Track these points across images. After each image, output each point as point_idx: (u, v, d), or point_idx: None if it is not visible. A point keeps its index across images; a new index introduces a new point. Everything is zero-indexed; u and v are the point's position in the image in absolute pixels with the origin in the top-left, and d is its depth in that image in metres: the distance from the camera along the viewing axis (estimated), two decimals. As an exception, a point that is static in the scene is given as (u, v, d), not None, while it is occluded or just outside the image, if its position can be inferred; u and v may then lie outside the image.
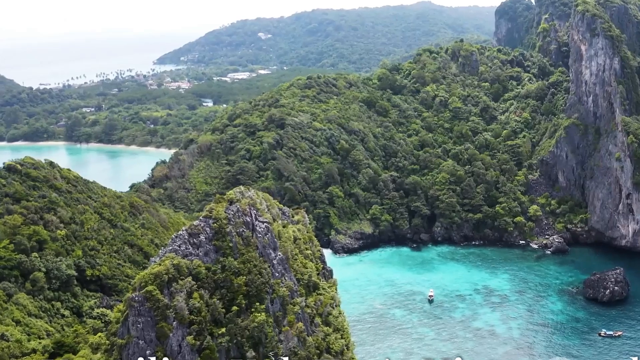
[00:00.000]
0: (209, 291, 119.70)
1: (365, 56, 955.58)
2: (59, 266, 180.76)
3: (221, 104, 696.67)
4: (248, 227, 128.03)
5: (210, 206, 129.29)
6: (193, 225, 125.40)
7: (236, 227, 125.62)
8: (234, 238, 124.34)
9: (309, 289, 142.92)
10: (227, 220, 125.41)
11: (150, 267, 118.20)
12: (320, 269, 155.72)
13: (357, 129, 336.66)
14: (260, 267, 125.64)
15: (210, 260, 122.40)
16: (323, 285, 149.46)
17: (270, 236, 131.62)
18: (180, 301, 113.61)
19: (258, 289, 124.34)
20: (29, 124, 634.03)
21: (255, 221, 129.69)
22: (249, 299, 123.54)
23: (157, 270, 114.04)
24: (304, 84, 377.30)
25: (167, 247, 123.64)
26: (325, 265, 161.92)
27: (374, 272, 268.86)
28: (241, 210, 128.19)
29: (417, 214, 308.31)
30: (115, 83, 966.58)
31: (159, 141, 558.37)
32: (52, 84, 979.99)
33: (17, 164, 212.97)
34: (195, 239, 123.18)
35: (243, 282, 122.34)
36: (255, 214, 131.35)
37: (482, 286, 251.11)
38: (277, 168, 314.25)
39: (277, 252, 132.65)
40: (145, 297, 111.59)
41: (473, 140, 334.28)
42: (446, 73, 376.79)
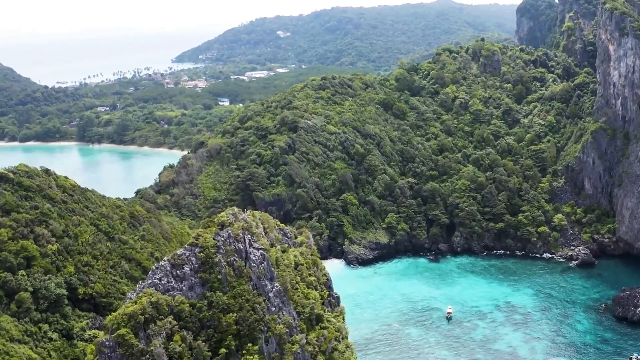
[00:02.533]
0: (192, 332, 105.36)
1: (384, 55, 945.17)
2: (47, 285, 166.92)
3: (237, 103, 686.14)
4: (240, 255, 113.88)
5: (197, 232, 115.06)
6: (176, 254, 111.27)
7: (226, 256, 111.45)
8: (223, 269, 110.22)
9: (311, 322, 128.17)
10: (216, 248, 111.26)
11: (124, 306, 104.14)
12: (326, 296, 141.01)
13: (373, 133, 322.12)
14: (254, 301, 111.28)
15: (195, 295, 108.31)
16: (328, 317, 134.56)
17: (266, 265, 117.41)
18: (158, 346, 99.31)
19: (250, 328, 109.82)
20: (41, 124, 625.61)
21: (249, 248, 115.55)
22: (239, 339, 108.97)
23: (131, 309, 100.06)
24: (318, 85, 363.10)
25: (146, 281, 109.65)
26: (332, 292, 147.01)
27: (389, 286, 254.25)
28: (233, 235, 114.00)
29: (436, 223, 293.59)
30: (132, 81, 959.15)
31: (172, 142, 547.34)
32: (69, 82, 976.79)
33: (9, 172, 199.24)
34: (179, 270, 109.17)
35: (233, 320, 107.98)
36: (250, 239, 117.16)
37: (503, 302, 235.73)
38: (289, 174, 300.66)
39: (274, 283, 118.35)
40: (117, 342, 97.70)
41: (495, 144, 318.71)
42: (467, 74, 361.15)
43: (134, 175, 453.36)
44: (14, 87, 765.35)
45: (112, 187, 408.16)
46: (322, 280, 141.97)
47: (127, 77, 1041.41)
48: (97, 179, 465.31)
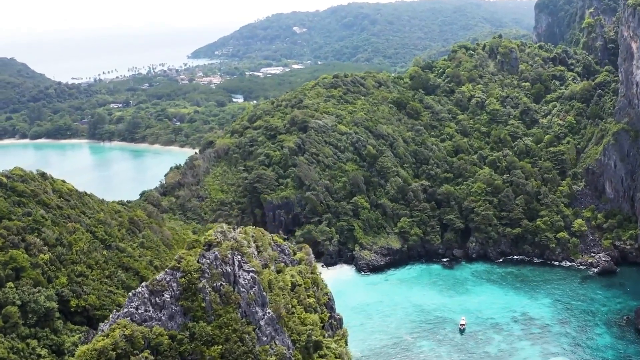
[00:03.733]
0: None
1: (400, 51, 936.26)
2: (37, 298, 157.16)
3: (251, 100, 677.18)
4: (228, 279, 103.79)
5: (180, 254, 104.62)
6: (155, 280, 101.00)
7: (212, 281, 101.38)
8: (208, 295, 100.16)
9: (309, 351, 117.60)
10: (201, 272, 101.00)
11: (95, 340, 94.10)
12: (327, 318, 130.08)
13: (385, 133, 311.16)
14: (242, 331, 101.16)
15: (175, 325, 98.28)
16: (328, 343, 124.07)
17: (257, 289, 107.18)
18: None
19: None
20: (52, 121, 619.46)
21: (238, 271, 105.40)
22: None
23: (102, 344, 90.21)
24: (329, 83, 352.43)
25: (122, 310, 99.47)
26: (334, 313, 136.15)
27: (401, 294, 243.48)
28: (220, 257, 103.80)
29: (450, 228, 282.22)
30: (146, 78, 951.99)
31: (183, 140, 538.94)
32: (84, 78, 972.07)
33: (3, 177, 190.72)
34: (158, 297, 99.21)
35: (218, 354, 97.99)
36: (240, 260, 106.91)
37: (520, 313, 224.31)
38: (298, 175, 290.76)
39: (265, 310, 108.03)
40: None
41: (512, 146, 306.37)
42: (483, 72, 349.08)
43: (143, 174, 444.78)
44: (26, 83, 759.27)
45: (120, 186, 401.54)
46: (323, 301, 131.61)
47: (142, 74, 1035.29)
48: (106, 178, 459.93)
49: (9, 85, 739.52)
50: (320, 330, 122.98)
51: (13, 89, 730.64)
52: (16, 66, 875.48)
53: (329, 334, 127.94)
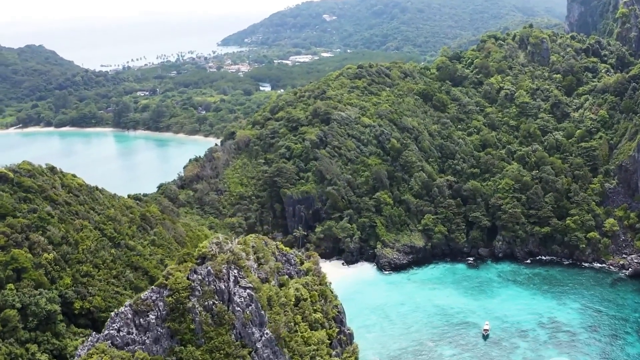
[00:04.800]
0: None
1: (430, 39, 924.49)
2: (37, 301, 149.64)
3: (279, 88, 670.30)
4: (222, 297, 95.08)
5: (169, 269, 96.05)
6: (140, 298, 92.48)
7: (204, 299, 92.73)
8: (198, 316, 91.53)
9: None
10: (190, 290, 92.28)
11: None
12: (335, 334, 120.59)
13: (410, 126, 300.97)
14: (236, 355, 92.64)
15: (161, 350, 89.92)
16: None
17: (254, 308, 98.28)
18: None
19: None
20: (77, 109, 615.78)
21: (233, 288, 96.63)
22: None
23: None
24: (354, 74, 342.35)
25: (102, 332, 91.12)
26: (343, 327, 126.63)
27: (423, 296, 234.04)
28: (214, 272, 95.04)
29: (476, 226, 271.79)
30: (174, 65, 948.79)
31: (208, 129, 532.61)
32: (113, 65, 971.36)
33: (9, 172, 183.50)
34: (142, 318, 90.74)
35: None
36: (236, 276, 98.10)
37: (547, 318, 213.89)
38: (319, 169, 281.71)
39: (263, 330, 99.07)
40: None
41: (542, 140, 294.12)
42: (513, 63, 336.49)
43: (167, 164, 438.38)
44: (54, 70, 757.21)
45: (142, 177, 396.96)
46: (332, 315, 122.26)
47: (171, 61, 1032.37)
48: (129, 168, 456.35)
49: (36, 73, 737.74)
50: (327, 348, 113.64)
51: (40, 77, 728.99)
52: (44, 53, 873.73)
53: (337, 351, 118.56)
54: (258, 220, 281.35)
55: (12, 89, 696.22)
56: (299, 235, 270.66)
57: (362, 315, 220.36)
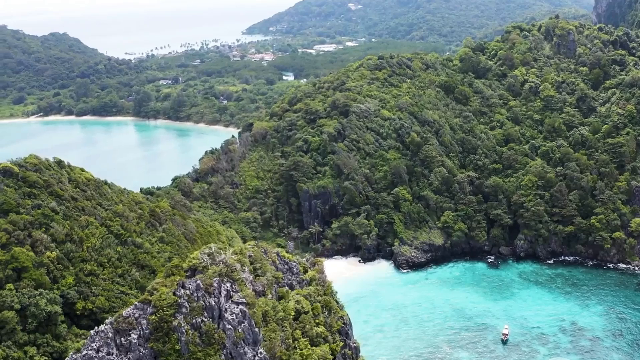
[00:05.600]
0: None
1: (456, 29, 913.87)
2: (37, 301, 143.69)
3: (302, 78, 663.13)
4: (211, 314, 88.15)
5: (154, 284, 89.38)
6: (121, 316, 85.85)
7: (191, 317, 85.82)
8: (184, 335, 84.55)
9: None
10: (176, 307, 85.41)
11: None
12: (339, 349, 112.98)
13: (431, 119, 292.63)
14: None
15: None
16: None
17: (247, 325, 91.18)
18: None
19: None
20: (98, 98, 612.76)
21: (225, 303, 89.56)
22: None
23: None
24: (374, 65, 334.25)
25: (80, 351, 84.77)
26: (349, 341, 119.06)
27: (441, 297, 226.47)
28: (203, 287, 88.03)
29: (497, 224, 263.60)
30: (198, 54, 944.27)
31: (228, 120, 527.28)
32: (137, 53, 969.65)
33: (15, 166, 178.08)
34: (124, 337, 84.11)
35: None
36: (229, 289, 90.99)
37: (569, 322, 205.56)
38: (337, 164, 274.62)
39: (257, 349, 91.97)
40: None
41: (567, 135, 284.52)
42: (538, 55, 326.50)
43: (186, 154, 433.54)
44: (76, 58, 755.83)
45: (162, 168, 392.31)
46: (336, 327, 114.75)
47: (195, 49, 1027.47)
48: (148, 158, 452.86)
49: (59, 61, 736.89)
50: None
51: (63, 65, 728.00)
52: (68, 41, 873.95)
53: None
54: (273, 215, 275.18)
55: (34, 77, 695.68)
56: (314, 231, 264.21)
57: (377, 316, 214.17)
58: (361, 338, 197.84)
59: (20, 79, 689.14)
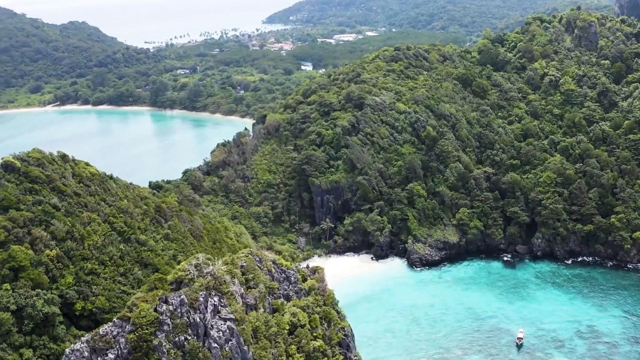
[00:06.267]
0: None
1: (477, 19, 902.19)
2: (34, 302, 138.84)
3: (320, 68, 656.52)
4: (196, 331, 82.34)
5: (134, 299, 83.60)
6: (99, 334, 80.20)
7: (174, 335, 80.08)
8: (165, 356, 78.84)
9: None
10: (158, 324, 79.62)
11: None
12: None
13: (448, 113, 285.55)
14: (209, 398, 79.80)
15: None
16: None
17: (235, 343, 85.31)
18: None
19: None
20: (115, 87, 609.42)
21: (211, 319, 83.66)
22: None
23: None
24: (390, 56, 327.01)
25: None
26: (350, 354, 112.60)
27: (454, 297, 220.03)
28: (188, 302, 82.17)
29: (514, 221, 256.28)
30: (217, 43, 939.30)
31: (244, 110, 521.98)
32: (156, 42, 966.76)
33: (17, 160, 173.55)
34: (101, 357, 78.39)
35: None
36: (216, 304, 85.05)
37: (586, 327, 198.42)
38: (350, 158, 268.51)
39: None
40: None
41: (587, 131, 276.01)
42: (559, 47, 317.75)
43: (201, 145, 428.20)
44: (94, 47, 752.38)
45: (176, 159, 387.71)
46: (336, 340, 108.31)
47: (214, 38, 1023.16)
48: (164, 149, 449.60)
49: (77, 50, 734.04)
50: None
51: (81, 53, 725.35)
52: (87, 30, 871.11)
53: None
54: (285, 210, 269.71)
55: (52, 66, 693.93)
56: (326, 227, 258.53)
57: (389, 317, 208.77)
58: (371, 339, 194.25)
59: (37, 68, 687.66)
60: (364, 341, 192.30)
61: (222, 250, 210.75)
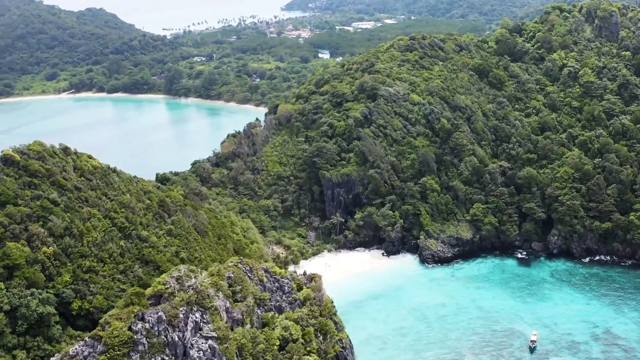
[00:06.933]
0: None
1: (497, 7, 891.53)
2: (28, 302, 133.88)
3: (337, 56, 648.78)
4: (174, 351, 76.50)
5: (107, 317, 77.73)
6: (68, 354, 74.67)
7: (150, 355, 74.35)
8: (137, 377, 73.02)
9: None
10: (132, 344, 73.81)
11: None
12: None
13: (463, 105, 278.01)
14: None
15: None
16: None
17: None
18: None
19: None
20: (130, 75, 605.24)
21: (192, 337, 77.75)
22: None
23: None
24: (405, 46, 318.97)
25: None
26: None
27: (467, 296, 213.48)
28: (166, 318, 76.17)
29: (530, 218, 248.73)
30: (235, 30, 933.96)
31: (259, 99, 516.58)
32: (174, 29, 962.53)
33: (17, 154, 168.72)
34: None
35: None
36: (198, 321, 79.02)
37: (602, 329, 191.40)
38: (362, 150, 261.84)
39: (227, 389, 79.88)
40: None
41: (607, 125, 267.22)
42: (578, 37, 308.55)
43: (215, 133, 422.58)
44: (111, 34, 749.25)
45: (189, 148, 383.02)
46: (334, 353, 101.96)
47: (232, 25, 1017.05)
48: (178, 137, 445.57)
49: (94, 37, 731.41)
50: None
51: (97, 41, 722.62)
52: (104, 16, 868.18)
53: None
54: (295, 204, 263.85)
55: (68, 53, 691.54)
56: (336, 222, 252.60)
57: (398, 316, 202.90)
58: (379, 339, 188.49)
59: (54, 55, 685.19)
60: (372, 342, 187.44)
61: (227, 246, 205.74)
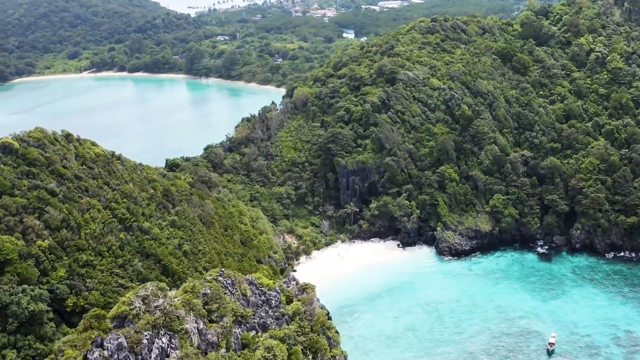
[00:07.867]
0: None
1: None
2: (19, 299, 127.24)
3: (362, 36, 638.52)
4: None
5: (60, 344, 70.09)
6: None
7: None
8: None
9: None
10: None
11: None
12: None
13: (485, 90, 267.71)
14: None
15: None
16: None
17: (182, 394, 71.22)
18: None
19: None
20: (152, 54, 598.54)
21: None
22: None
23: None
24: (426, 28, 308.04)
25: None
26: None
27: (483, 292, 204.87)
28: (127, 345, 68.48)
29: (552, 210, 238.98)
30: (260, 9, 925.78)
31: (280, 80, 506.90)
32: (199, 7, 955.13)
33: (16, 141, 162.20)
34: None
35: None
36: (164, 347, 71.09)
37: (624, 331, 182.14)
38: (379, 137, 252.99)
39: None
40: None
41: (635, 113, 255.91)
42: (607, 21, 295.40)
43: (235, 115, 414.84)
44: (134, 13, 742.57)
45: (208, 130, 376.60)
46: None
47: (258, 4, 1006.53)
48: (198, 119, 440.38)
49: (117, 15, 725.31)
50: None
51: (120, 19, 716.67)
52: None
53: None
54: (309, 191, 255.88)
55: (90, 32, 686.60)
56: (351, 211, 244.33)
57: (411, 313, 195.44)
58: (390, 338, 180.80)
59: (76, 34, 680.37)
60: (382, 340, 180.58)
61: (234, 237, 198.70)
